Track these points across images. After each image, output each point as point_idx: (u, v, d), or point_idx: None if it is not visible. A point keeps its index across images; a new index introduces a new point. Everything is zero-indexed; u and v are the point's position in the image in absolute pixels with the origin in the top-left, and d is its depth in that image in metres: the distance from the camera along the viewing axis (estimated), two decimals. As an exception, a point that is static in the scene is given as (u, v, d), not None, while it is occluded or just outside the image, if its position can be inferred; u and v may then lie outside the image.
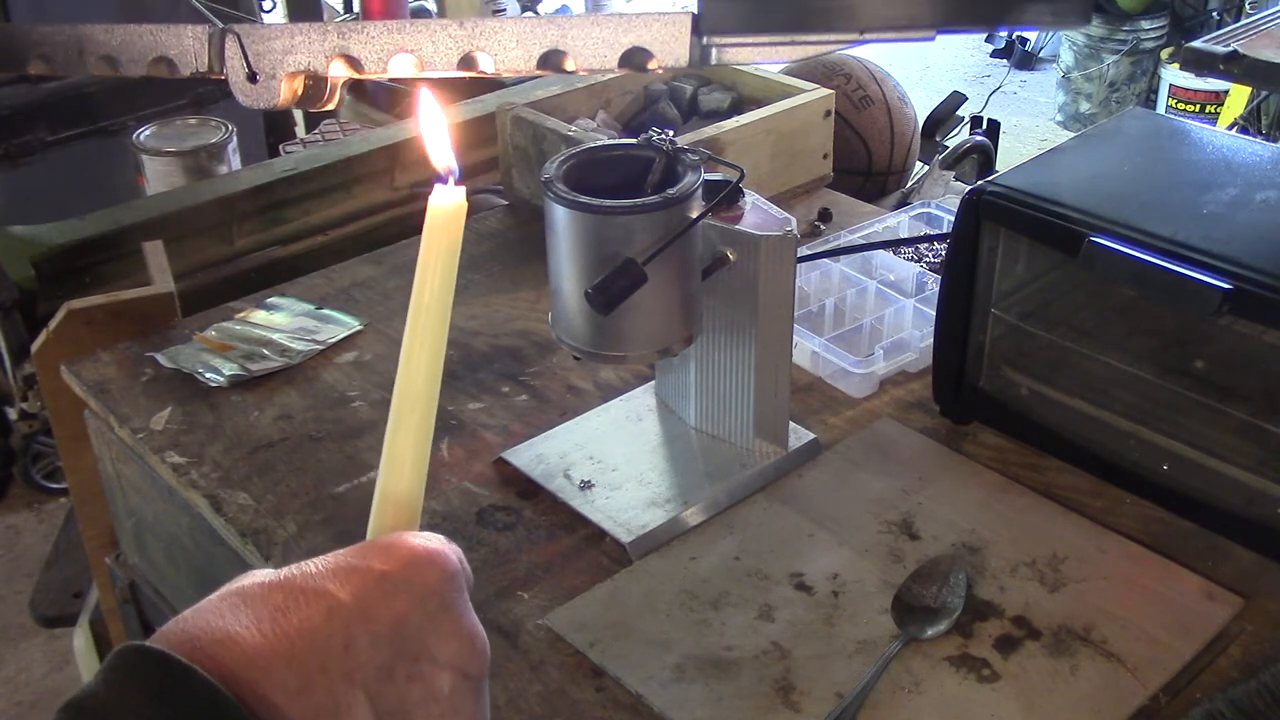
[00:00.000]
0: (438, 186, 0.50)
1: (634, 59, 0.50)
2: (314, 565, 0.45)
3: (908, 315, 1.29)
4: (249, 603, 0.43)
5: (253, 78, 0.55)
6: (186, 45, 0.56)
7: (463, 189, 0.50)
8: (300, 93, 0.56)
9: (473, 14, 3.23)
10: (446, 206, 0.50)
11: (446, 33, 0.52)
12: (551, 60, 0.51)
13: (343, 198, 1.82)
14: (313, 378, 1.25)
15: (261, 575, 0.44)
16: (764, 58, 0.52)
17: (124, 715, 0.39)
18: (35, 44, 0.60)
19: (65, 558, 2.19)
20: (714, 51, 0.51)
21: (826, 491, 1.07)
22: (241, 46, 0.55)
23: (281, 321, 1.33)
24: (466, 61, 0.52)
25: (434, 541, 0.47)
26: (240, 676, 0.41)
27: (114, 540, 1.42)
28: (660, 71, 0.62)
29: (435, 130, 0.52)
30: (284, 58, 0.55)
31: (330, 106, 0.58)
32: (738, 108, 1.61)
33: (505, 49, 0.52)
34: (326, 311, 1.36)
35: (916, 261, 1.39)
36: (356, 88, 3.49)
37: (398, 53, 0.52)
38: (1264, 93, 3.42)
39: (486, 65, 0.51)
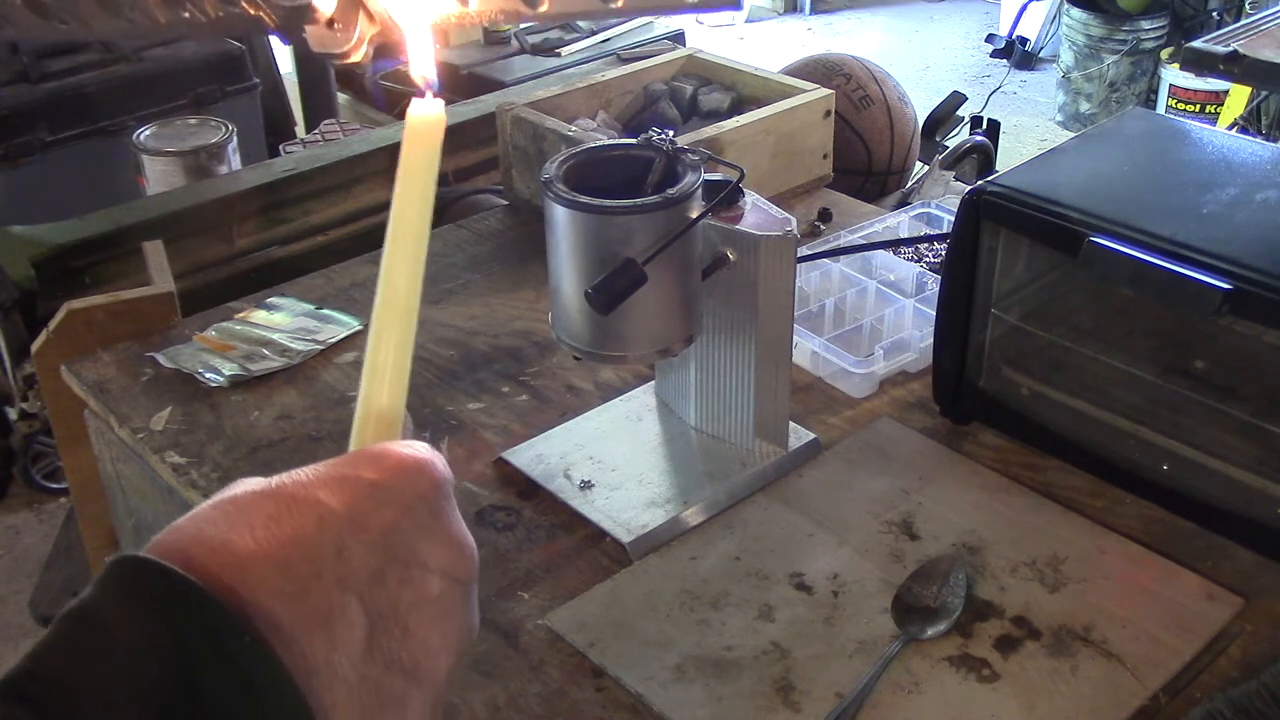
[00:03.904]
0: (415, 99, 0.50)
1: None
2: (304, 474, 0.45)
3: (908, 315, 1.29)
4: (242, 511, 0.43)
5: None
6: None
7: (442, 102, 0.50)
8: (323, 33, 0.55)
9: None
10: (426, 117, 0.50)
11: None
12: None
13: (343, 198, 1.82)
14: (313, 378, 1.25)
15: (253, 484, 0.45)
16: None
17: (122, 625, 0.39)
18: None
19: (65, 558, 2.19)
20: None
21: (826, 491, 1.07)
22: None
23: (281, 321, 1.33)
24: None
25: (421, 450, 0.48)
26: (234, 583, 0.41)
27: (114, 540, 1.42)
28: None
29: (419, 40, 0.52)
30: None
31: (356, 58, 0.57)
32: (738, 108, 1.61)
33: None
34: (326, 311, 1.36)
35: (916, 261, 1.39)
36: (357, 88, 3.50)
37: None
38: (1264, 93, 3.42)
39: None
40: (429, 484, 0.47)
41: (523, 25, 3.27)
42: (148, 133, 2.23)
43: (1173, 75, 4.05)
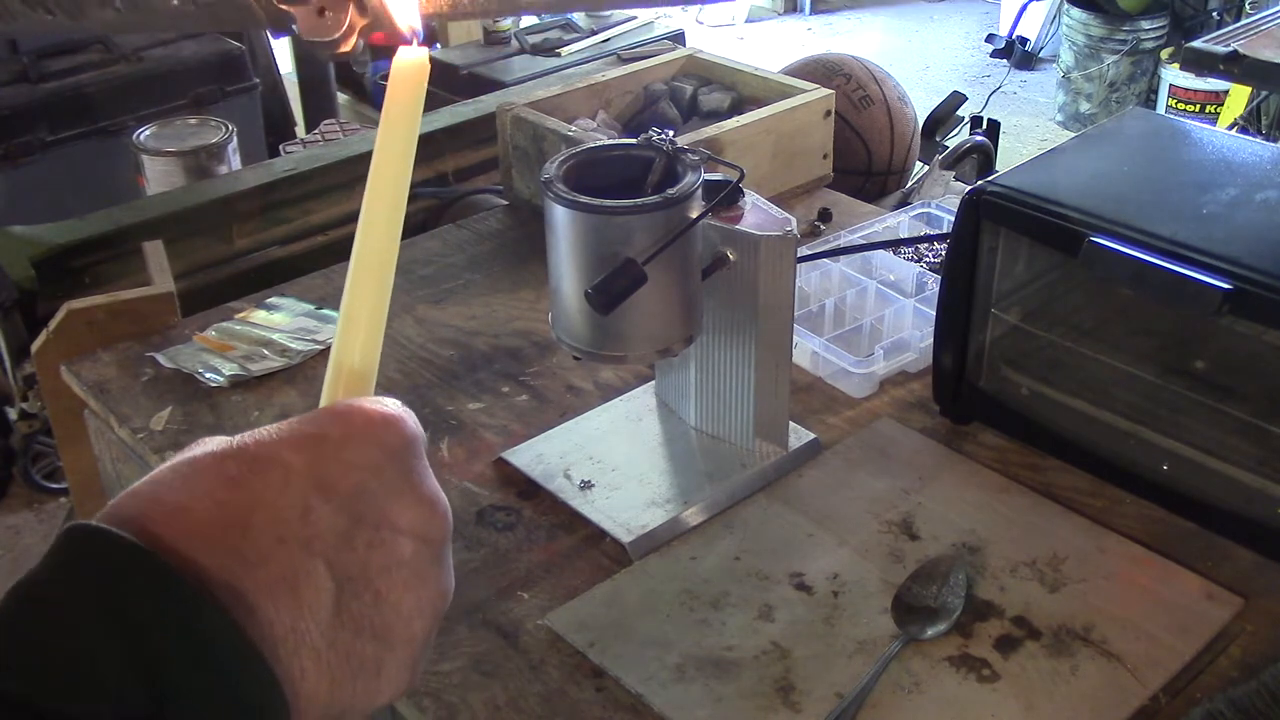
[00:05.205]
0: (401, 47, 0.49)
1: None
2: (268, 433, 0.44)
3: (908, 315, 1.29)
4: (201, 473, 0.42)
5: None
6: None
7: (425, 50, 0.50)
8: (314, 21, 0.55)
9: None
10: (410, 64, 0.49)
11: None
12: None
13: (343, 198, 1.82)
14: (313, 378, 1.25)
15: (215, 444, 0.43)
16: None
17: (73, 600, 0.38)
18: None
19: (65, 558, 2.19)
20: None
21: (826, 491, 1.07)
22: None
23: (281, 321, 1.33)
24: None
25: (390, 406, 0.46)
26: (192, 551, 0.39)
27: (114, 540, 1.42)
28: None
29: None
30: None
31: (346, 49, 0.57)
32: (738, 108, 1.61)
33: None
34: (326, 311, 1.36)
35: (916, 261, 1.39)
36: (357, 88, 3.50)
37: None
38: (1264, 93, 3.42)
39: None
40: (399, 441, 0.45)
41: (523, 25, 3.27)
42: (148, 133, 2.22)
43: (1173, 75, 4.05)
